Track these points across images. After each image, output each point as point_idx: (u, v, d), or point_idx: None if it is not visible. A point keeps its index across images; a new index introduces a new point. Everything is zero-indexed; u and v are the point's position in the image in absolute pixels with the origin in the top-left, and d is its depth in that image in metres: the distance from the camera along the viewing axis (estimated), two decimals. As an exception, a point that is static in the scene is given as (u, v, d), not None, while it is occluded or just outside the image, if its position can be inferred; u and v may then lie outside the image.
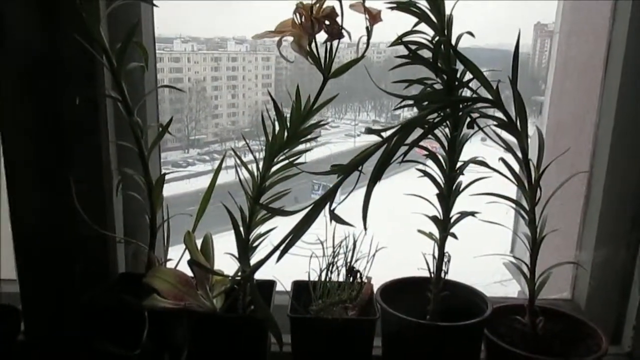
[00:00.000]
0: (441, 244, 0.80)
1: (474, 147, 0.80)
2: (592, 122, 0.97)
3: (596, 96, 0.96)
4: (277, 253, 0.64)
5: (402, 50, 0.73)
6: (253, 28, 0.77)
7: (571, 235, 1.03)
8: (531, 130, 0.79)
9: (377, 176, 0.66)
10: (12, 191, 0.86)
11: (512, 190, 0.81)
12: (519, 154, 0.74)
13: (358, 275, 0.80)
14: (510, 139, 0.75)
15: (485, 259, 0.89)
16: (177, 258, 0.87)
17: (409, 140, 0.67)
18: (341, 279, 0.82)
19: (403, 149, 0.67)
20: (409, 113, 0.85)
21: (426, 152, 0.77)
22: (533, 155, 0.76)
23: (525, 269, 0.80)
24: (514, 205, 0.78)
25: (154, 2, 0.86)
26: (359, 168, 0.68)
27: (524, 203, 0.78)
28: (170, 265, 0.88)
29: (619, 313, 0.96)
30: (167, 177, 0.86)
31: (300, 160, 0.79)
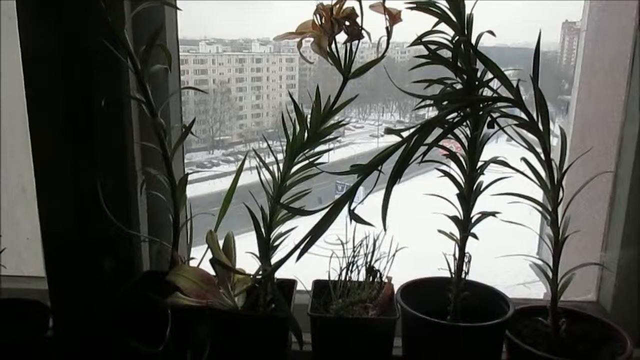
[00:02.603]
0: (462, 244, 0.80)
1: (499, 147, 0.80)
2: (619, 121, 0.96)
3: (623, 95, 0.95)
4: (297, 252, 0.65)
5: (424, 50, 0.73)
6: (277, 29, 0.77)
7: (598, 235, 1.01)
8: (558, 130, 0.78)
9: (396, 176, 0.67)
10: (41, 191, 0.89)
11: (537, 189, 0.81)
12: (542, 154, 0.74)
13: (378, 274, 0.80)
14: (535, 138, 0.75)
15: (510, 260, 0.88)
16: (200, 257, 0.88)
17: (430, 140, 0.68)
18: (361, 278, 0.82)
19: (423, 149, 0.68)
20: (433, 113, 0.85)
21: (446, 152, 0.77)
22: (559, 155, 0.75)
23: (549, 270, 0.79)
24: (536, 206, 0.77)
25: (177, 5, 0.88)
26: (379, 168, 0.68)
27: (547, 203, 0.77)
28: (193, 263, 0.90)
29: (645, 315, 0.94)
30: (191, 177, 0.87)
31: (323, 160, 0.80)
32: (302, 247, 0.65)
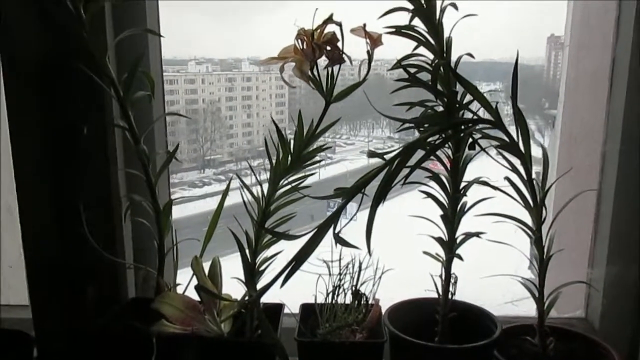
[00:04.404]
0: (447, 265, 0.80)
1: (489, 162, 0.80)
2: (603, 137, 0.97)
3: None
4: (282, 277, 0.65)
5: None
6: (266, 48, 0.78)
7: (587, 252, 1.02)
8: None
9: (379, 199, 0.67)
10: (24, 218, 0.88)
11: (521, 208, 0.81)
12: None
13: (363, 298, 0.80)
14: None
15: (499, 278, 0.88)
16: (186, 282, 0.87)
17: (413, 161, 0.68)
18: (348, 301, 0.82)
19: (406, 171, 0.68)
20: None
21: (430, 174, 0.77)
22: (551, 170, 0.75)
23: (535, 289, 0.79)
24: (520, 225, 0.78)
25: (167, 23, 0.89)
26: (362, 190, 0.68)
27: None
28: (179, 289, 0.89)
29: (633, 331, 0.94)
30: (183, 197, 0.87)
31: (314, 177, 0.80)
32: (286, 272, 0.65)
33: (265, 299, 0.80)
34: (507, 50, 0.69)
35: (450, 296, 0.81)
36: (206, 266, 0.87)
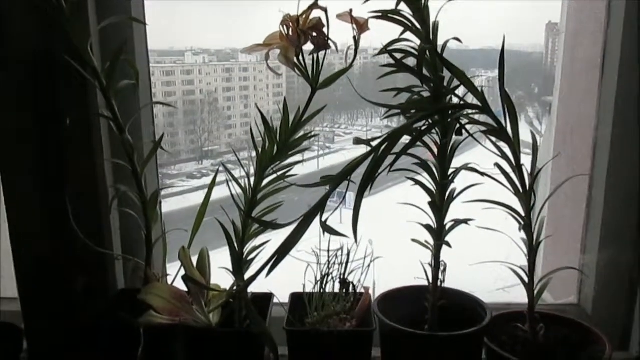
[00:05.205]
0: (436, 253, 0.79)
1: (479, 155, 0.79)
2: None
3: (598, 97, 0.95)
4: (268, 267, 0.64)
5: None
6: (263, 38, 0.77)
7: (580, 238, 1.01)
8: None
9: (364, 186, 0.66)
10: (11, 211, 0.88)
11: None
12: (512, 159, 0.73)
13: (351, 286, 0.79)
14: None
15: (489, 266, 0.87)
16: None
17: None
18: (337, 290, 0.82)
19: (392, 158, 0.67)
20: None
21: (417, 161, 0.76)
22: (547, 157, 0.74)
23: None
24: (509, 211, 0.77)
25: (162, 13, 0.87)
26: (348, 178, 0.67)
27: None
28: (169, 280, 0.89)
29: (626, 317, 0.93)
30: (180, 189, 0.86)
31: (313, 167, 0.79)
32: (272, 262, 0.64)
33: (257, 288, 0.80)
34: (507, 38, 0.67)
35: (439, 284, 0.80)
36: (194, 259, 0.86)
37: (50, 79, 0.83)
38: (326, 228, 0.66)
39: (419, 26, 0.71)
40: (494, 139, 0.73)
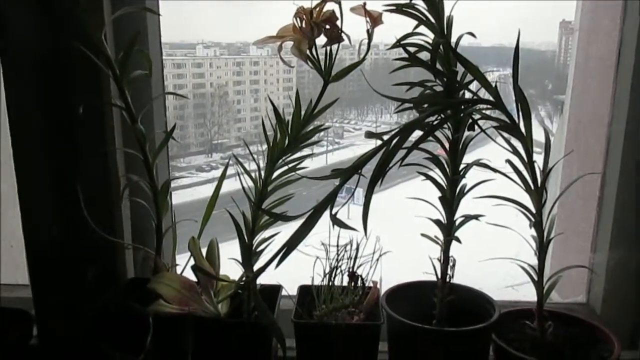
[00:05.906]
0: (446, 248, 0.79)
1: (492, 152, 0.79)
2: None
3: (612, 95, 0.94)
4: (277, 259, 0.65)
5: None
6: (274, 32, 0.77)
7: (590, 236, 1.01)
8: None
9: (375, 180, 0.66)
10: (24, 199, 0.88)
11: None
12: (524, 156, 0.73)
13: (360, 280, 0.79)
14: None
15: (499, 263, 0.87)
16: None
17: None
18: (345, 283, 0.82)
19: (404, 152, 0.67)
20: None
21: (429, 155, 0.76)
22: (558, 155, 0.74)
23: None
24: (520, 208, 0.77)
25: (173, 8, 0.88)
26: (359, 171, 0.67)
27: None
28: (178, 270, 0.89)
29: (635, 317, 0.93)
30: (190, 181, 0.86)
31: (322, 162, 0.79)
32: (281, 254, 0.64)
33: (266, 280, 0.80)
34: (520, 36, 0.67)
35: (448, 279, 0.80)
36: (204, 250, 0.87)
37: (64, 68, 0.83)
38: (336, 221, 0.66)
39: (433, 20, 0.71)
40: (506, 135, 0.73)
